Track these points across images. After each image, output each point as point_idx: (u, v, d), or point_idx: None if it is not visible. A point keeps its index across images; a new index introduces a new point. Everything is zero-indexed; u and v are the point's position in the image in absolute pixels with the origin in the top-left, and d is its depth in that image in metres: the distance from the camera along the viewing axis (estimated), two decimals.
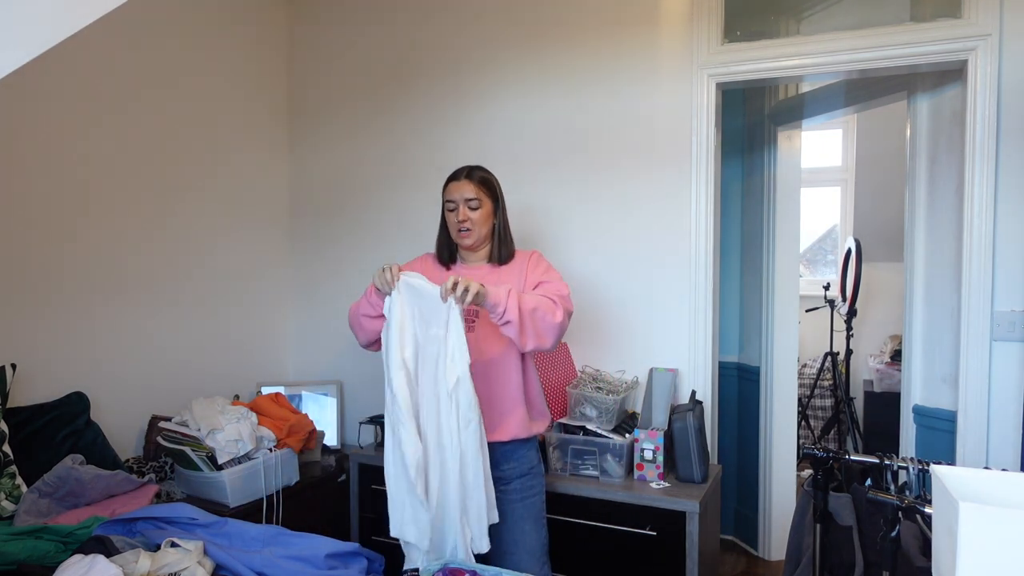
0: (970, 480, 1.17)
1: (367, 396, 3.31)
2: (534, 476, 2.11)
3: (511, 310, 1.85)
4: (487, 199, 2.11)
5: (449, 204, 2.12)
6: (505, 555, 2.03)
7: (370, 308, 2.02)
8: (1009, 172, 2.35)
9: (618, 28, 2.80)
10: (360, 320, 2.06)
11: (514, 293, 1.87)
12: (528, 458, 2.11)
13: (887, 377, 4.53)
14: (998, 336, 2.38)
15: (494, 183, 2.15)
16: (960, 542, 1.00)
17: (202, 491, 2.46)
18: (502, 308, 1.85)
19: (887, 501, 1.59)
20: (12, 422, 2.22)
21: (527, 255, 2.17)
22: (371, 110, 3.27)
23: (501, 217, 2.16)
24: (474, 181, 2.10)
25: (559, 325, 1.94)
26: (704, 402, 2.67)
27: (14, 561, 1.79)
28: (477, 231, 2.10)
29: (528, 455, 2.11)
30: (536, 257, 2.17)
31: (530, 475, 2.10)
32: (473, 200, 2.08)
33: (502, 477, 2.05)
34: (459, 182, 2.10)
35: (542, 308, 1.91)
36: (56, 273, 2.49)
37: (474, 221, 2.09)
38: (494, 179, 2.16)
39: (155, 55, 2.80)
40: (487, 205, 2.11)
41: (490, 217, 2.12)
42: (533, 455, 2.13)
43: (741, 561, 3.44)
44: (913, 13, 2.45)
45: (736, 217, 3.58)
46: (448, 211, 2.13)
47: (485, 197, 2.10)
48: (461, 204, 2.08)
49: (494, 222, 2.14)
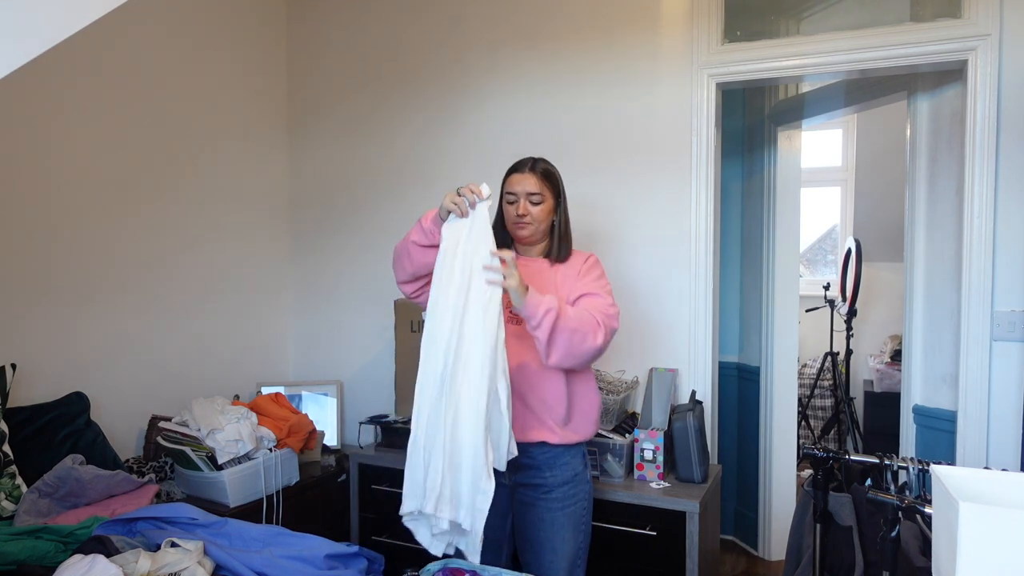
0: (970, 480, 1.17)
1: (367, 396, 3.31)
2: (577, 484, 2.00)
3: (544, 327, 1.78)
4: (549, 194, 2.02)
5: (509, 196, 2.02)
6: (541, 559, 1.97)
7: (424, 236, 1.90)
8: (1009, 172, 2.35)
9: (618, 28, 2.80)
10: (408, 248, 1.94)
11: (554, 311, 1.78)
12: (571, 466, 2.00)
13: (887, 377, 4.53)
14: (998, 336, 2.38)
15: (557, 177, 2.06)
16: (960, 542, 1.00)
17: (202, 491, 2.46)
18: (536, 321, 1.78)
19: (887, 501, 1.59)
20: (12, 422, 2.22)
21: (583, 257, 2.07)
22: (371, 109, 3.27)
23: (562, 214, 2.07)
24: (537, 174, 2.00)
25: (596, 350, 1.86)
26: (704, 402, 2.67)
27: (14, 561, 1.79)
28: (536, 226, 2.01)
29: (572, 463, 2.00)
30: (591, 263, 2.06)
31: (573, 483, 1.99)
32: (535, 195, 1.99)
33: (543, 484, 1.96)
34: (522, 174, 2.01)
35: (583, 330, 1.82)
36: (56, 273, 2.49)
37: (534, 216, 2.00)
38: (557, 172, 2.07)
39: (153, 54, 2.80)
40: (549, 200, 2.02)
41: (550, 213, 2.03)
42: (578, 463, 2.02)
43: (741, 561, 3.44)
44: (913, 13, 2.45)
45: (736, 217, 3.58)
46: (507, 203, 2.03)
47: (548, 192, 2.01)
48: (522, 198, 1.99)
49: (554, 219, 2.05)
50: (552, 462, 1.97)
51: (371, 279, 3.30)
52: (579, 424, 2.01)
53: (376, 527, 2.75)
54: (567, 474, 1.98)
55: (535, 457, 1.96)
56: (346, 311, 3.38)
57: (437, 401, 1.77)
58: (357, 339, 3.36)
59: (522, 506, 2.00)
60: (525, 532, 2.00)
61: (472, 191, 1.80)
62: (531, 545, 1.98)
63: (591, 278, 2.01)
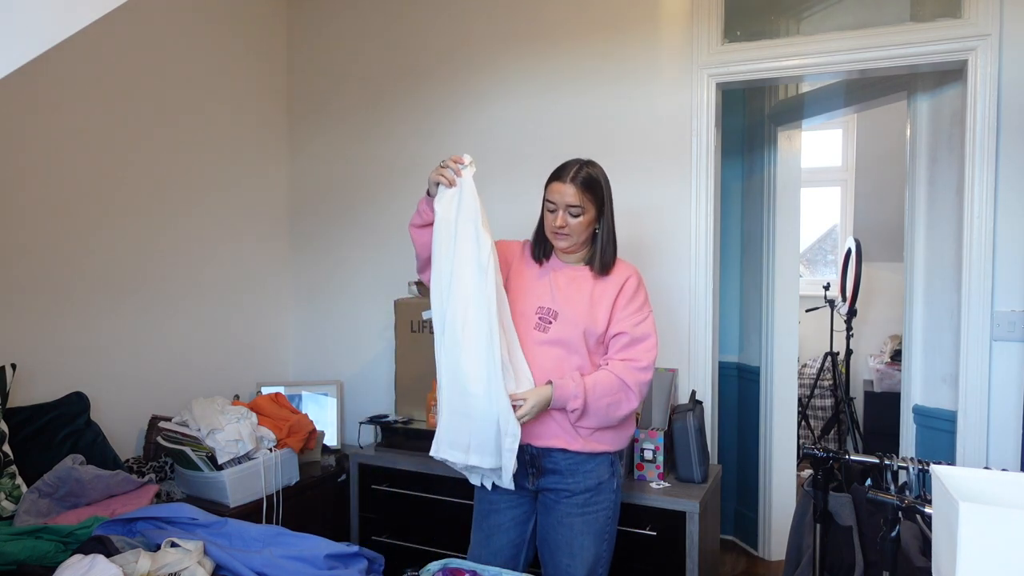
0: (970, 480, 1.17)
1: (367, 396, 3.31)
2: (600, 492, 1.95)
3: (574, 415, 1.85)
4: (591, 205, 1.91)
5: (549, 204, 1.93)
6: (558, 561, 1.95)
7: (418, 217, 1.94)
8: (1009, 172, 2.35)
9: (618, 28, 2.80)
10: (411, 234, 1.99)
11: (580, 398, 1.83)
12: (596, 474, 1.94)
13: (887, 377, 4.53)
14: (998, 336, 2.38)
15: (601, 185, 1.94)
16: (960, 542, 1.00)
17: (202, 491, 2.46)
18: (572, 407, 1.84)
19: (887, 501, 1.59)
20: (12, 422, 2.22)
21: (625, 275, 1.97)
22: (372, 110, 3.27)
23: (606, 224, 1.96)
24: (577, 185, 1.89)
25: (631, 411, 1.90)
26: (704, 402, 2.67)
27: (14, 561, 1.79)
28: (575, 237, 1.93)
29: (596, 471, 1.94)
30: (633, 287, 1.96)
31: (596, 491, 1.94)
32: (575, 208, 1.89)
33: (566, 489, 1.93)
34: (563, 184, 1.90)
35: (615, 402, 1.86)
36: (56, 273, 2.49)
37: (573, 228, 1.91)
38: (602, 180, 1.96)
39: (154, 56, 2.80)
40: (590, 212, 1.91)
41: (591, 223, 1.94)
42: (603, 471, 1.95)
43: (741, 561, 3.44)
44: (913, 13, 2.45)
45: (736, 217, 3.58)
46: (547, 211, 1.94)
47: (589, 203, 1.91)
48: (561, 209, 1.90)
49: (595, 229, 1.96)
50: (575, 468, 1.93)
51: (371, 279, 3.30)
52: (605, 434, 1.94)
53: (376, 527, 2.75)
54: (590, 481, 1.93)
55: (557, 462, 1.93)
56: (346, 311, 3.38)
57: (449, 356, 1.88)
58: (357, 339, 3.36)
59: (544, 508, 1.98)
60: (545, 533, 1.98)
61: (455, 160, 1.85)
62: (549, 546, 1.97)
63: (632, 310, 1.94)
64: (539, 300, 1.96)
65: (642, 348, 1.92)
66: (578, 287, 1.96)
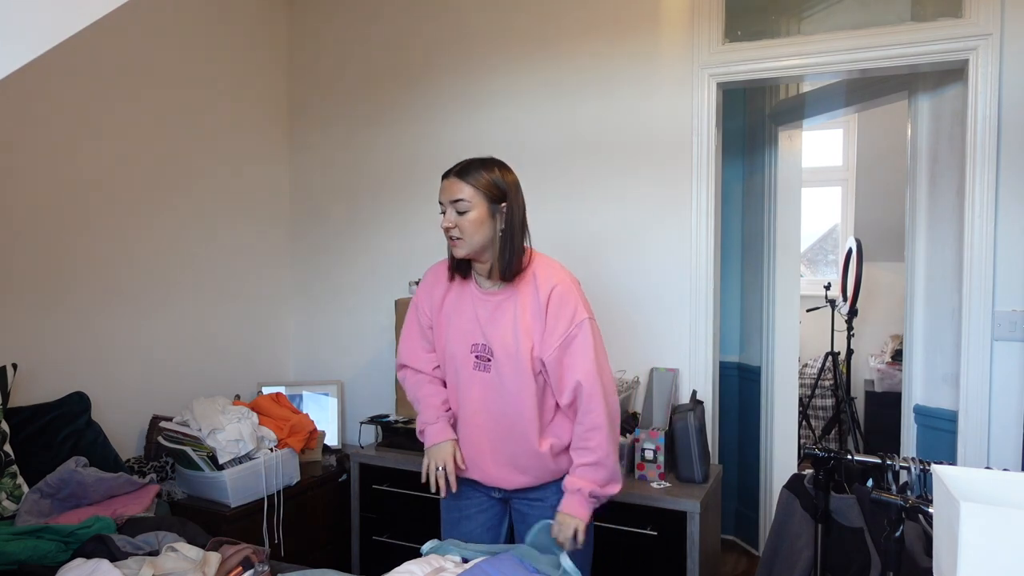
0: (971, 480, 1.17)
1: (368, 396, 3.31)
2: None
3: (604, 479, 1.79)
4: (481, 200, 1.72)
5: (440, 207, 1.77)
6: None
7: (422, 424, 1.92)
8: (1010, 172, 2.35)
9: (619, 28, 2.80)
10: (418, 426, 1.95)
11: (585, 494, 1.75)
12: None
13: (888, 377, 4.53)
14: (999, 336, 2.38)
15: (493, 180, 1.74)
16: (961, 542, 1.00)
17: (203, 491, 2.46)
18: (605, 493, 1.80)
19: (891, 501, 1.59)
20: (13, 422, 2.22)
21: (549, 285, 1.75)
22: (371, 109, 3.27)
23: (510, 222, 1.74)
24: (461, 177, 1.72)
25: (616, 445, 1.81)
26: (705, 402, 2.67)
27: (15, 561, 1.79)
28: (467, 240, 1.72)
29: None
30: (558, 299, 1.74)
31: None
32: (461, 202, 1.71)
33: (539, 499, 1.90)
34: (448, 180, 1.75)
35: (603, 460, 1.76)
36: (57, 273, 2.49)
37: (463, 228, 1.71)
38: (495, 175, 1.75)
39: (154, 55, 2.80)
40: (480, 208, 1.72)
41: (483, 221, 1.72)
42: None
43: (741, 561, 3.44)
44: (914, 13, 2.45)
45: (737, 217, 3.58)
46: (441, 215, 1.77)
47: (478, 198, 1.71)
48: (448, 207, 1.73)
49: (497, 229, 1.75)
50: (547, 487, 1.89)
51: (372, 279, 3.30)
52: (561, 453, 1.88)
53: (377, 527, 2.75)
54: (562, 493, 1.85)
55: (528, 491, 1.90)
56: (347, 311, 3.38)
57: None
58: (358, 339, 3.36)
59: (518, 513, 1.96)
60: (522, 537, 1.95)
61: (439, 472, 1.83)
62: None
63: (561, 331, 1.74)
64: (470, 338, 1.82)
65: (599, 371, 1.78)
66: (502, 312, 1.78)
